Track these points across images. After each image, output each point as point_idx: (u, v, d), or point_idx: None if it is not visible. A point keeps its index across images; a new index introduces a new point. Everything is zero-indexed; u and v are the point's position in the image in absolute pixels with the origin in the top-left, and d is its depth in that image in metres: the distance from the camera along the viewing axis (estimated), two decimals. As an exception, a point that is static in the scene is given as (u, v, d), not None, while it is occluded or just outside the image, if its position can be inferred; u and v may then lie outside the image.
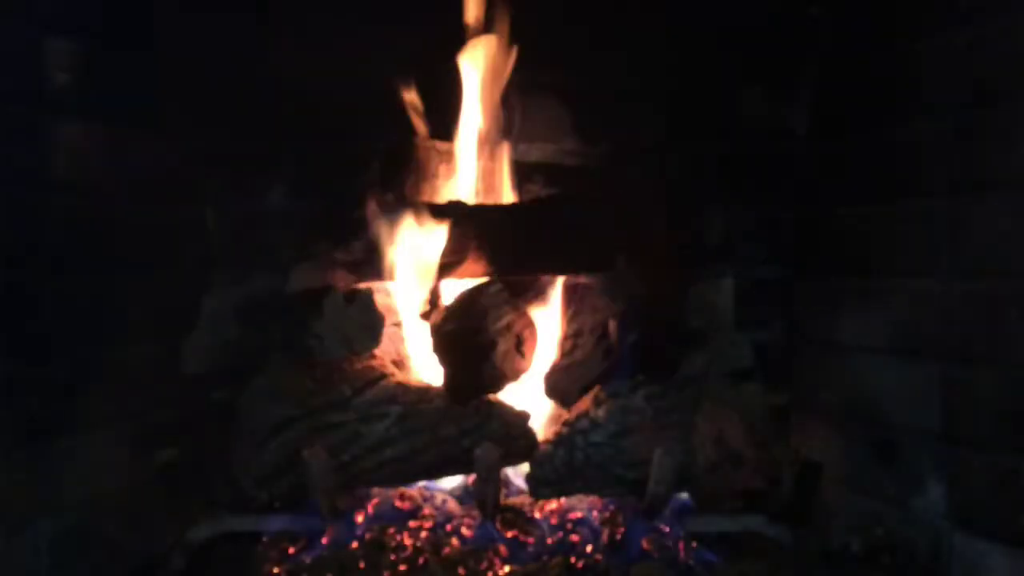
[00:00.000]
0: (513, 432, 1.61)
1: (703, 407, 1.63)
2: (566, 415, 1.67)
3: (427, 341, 1.67)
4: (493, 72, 1.82)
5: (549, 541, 1.54)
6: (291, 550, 1.54)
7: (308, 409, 1.60)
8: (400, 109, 1.81)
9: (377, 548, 1.48)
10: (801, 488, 1.59)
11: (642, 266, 1.74)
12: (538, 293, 1.77)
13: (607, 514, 1.60)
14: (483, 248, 1.69)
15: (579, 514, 1.61)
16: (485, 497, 1.52)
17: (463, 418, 1.60)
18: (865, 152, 1.74)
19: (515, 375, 1.68)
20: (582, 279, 1.78)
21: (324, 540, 1.53)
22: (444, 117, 1.83)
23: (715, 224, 1.99)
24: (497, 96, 1.83)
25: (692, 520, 1.60)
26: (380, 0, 1.87)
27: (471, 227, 1.70)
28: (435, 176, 1.89)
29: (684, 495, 1.65)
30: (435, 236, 1.68)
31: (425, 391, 1.64)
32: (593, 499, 1.64)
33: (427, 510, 1.60)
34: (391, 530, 1.52)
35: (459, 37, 1.80)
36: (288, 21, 1.86)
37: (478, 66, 1.81)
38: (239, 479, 1.57)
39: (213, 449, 1.62)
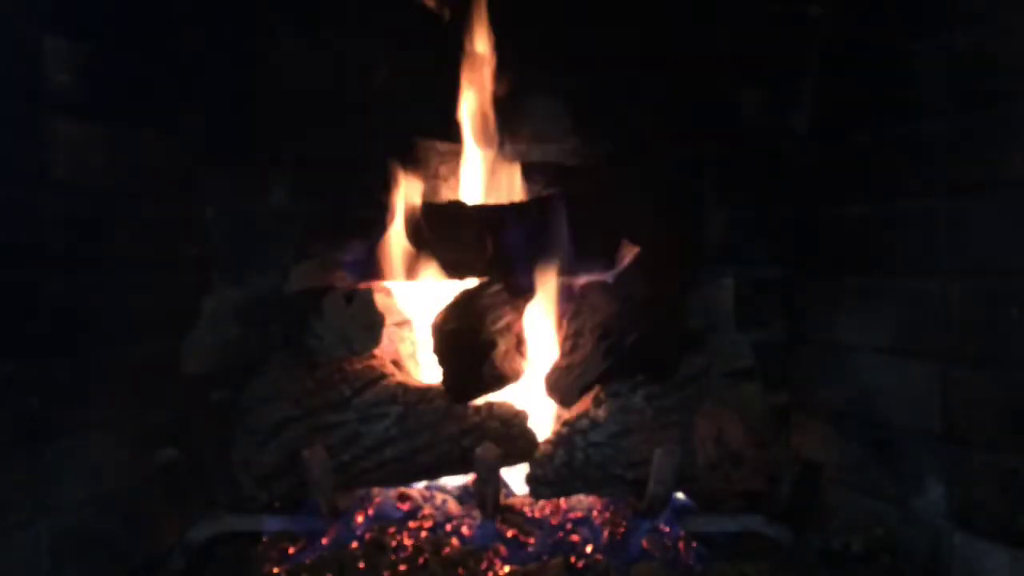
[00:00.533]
0: (513, 432, 1.61)
1: (703, 407, 1.63)
2: (566, 415, 1.67)
3: (427, 341, 1.68)
4: (493, 73, 1.82)
5: (549, 541, 1.54)
6: (291, 550, 1.54)
7: (308, 409, 1.60)
8: (401, 109, 1.81)
9: (377, 548, 1.49)
10: (801, 488, 1.60)
11: (642, 266, 1.74)
12: (538, 293, 1.77)
13: (607, 514, 1.60)
14: (483, 248, 1.69)
15: (579, 514, 1.61)
16: (485, 497, 1.52)
17: (463, 418, 1.61)
18: (865, 152, 1.74)
19: (515, 375, 1.68)
20: (582, 279, 1.78)
21: (324, 540, 1.53)
22: (444, 117, 1.83)
23: (715, 224, 1.99)
24: (497, 96, 1.84)
25: (692, 520, 1.60)
26: (380, 1, 1.87)
27: (471, 227, 1.70)
28: (435, 176, 1.89)
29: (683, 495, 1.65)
30: (435, 236, 1.68)
31: (425, 391, 1.64)
32: (593, 499, 1.64)
33: (427, 510, 1.60)
34: (391, 530, 1.52)
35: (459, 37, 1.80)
36: (288, 21, 1.86)
37: (478, 66, 1.81)
38: (239, 479, 1.57)
39: (213, 449, 1.62)
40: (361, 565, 1.45)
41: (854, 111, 1.79)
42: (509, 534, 1.54)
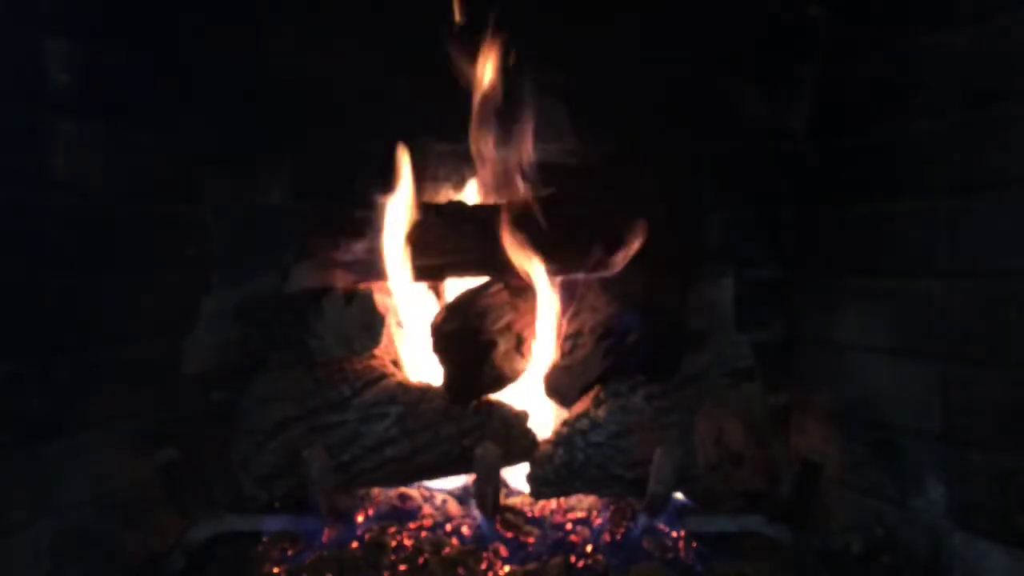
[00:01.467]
0: (513, 432, 1.61)
1: (703, 407, 1.63)
2: (566, 415, 1.67)
3: (427, 341, 1.68)
4: (493, 73, 1.82)
5: (549, 541, 1.54)
6: (291, 550, 1.54)
7: (308, 409, 1.60)
8: (401, 109, 1.81)
9: (377, 548, 1.49)
10: (801, 488, 1.60)
11: (642, 266, 1.74)
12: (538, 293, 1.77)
13: (607, 514, 1.60)
14: (483, 248, 1.69)
15: (579, 514, 1.61)
16: (485, 497, 1.52)
17: (463, 418, 1.61)
18: (865, 152, 1.74)
19: (515, 375, 1.68)
20: (582, 279, 1.78)
21: (324, 540, 1.53)
22: (444, 117, 1.83)
23: (715, 224, 1.99)
24: (497, 96, 1.83)
25: (692, 520, 1.60)
26: (380, 0, 1.87)
27: (471, 227, 1.70)
28: (435, 176, 1.89)
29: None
30: (435, 236, 1.68)
31: (425, 391, 1.64)
32: (593, 499, 1.65)
33: (427, 510, 1.60)
34: (391, 530, 1.52)
35: (459, 37, 1.80)
36: (288, 20, 1.85)
37: (478, 67, 1.81)
38: (239, 479, 1.57)
39: (213, 449, 1.62)
40: (361, 565, 1.45)
41: (854, 111, 1.79)
42: (509, 534, 1.54)
